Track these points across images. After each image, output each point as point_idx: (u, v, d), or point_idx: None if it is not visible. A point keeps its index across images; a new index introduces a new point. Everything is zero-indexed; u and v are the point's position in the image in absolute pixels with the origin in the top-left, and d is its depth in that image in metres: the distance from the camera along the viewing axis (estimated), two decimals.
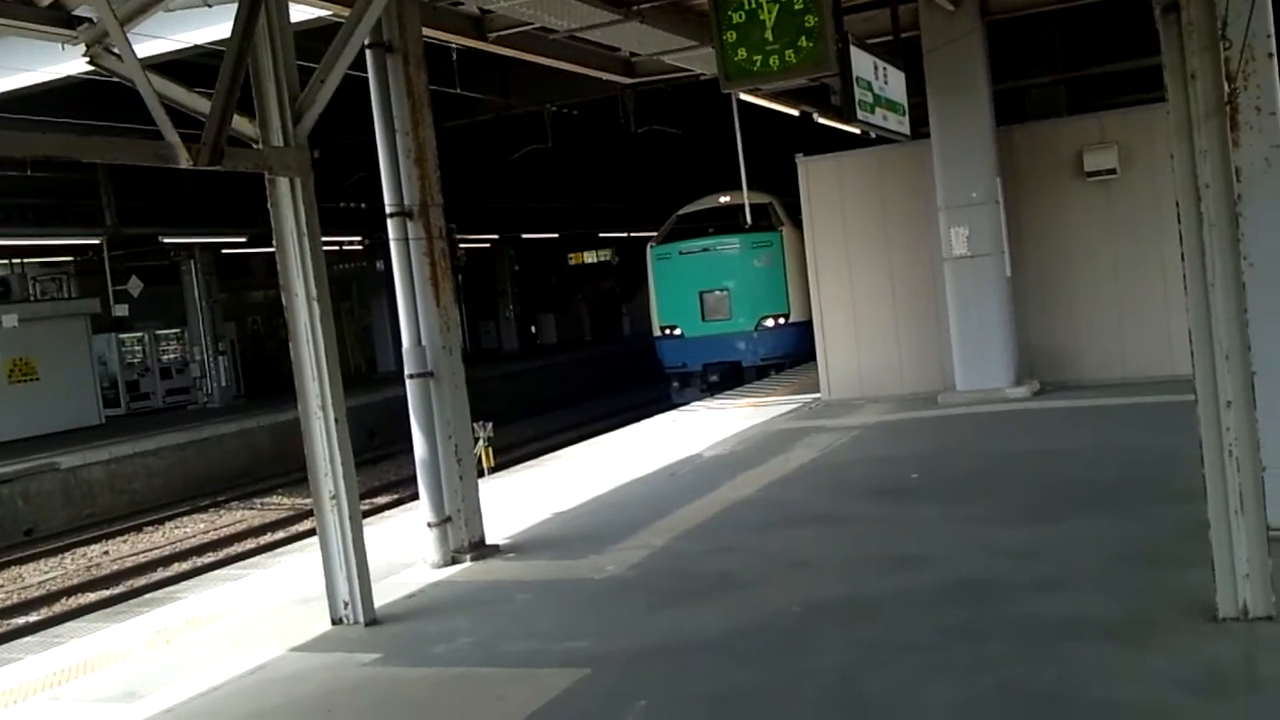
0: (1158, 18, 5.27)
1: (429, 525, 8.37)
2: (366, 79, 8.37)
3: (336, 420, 6.93)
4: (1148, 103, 12.42)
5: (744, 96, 14.21)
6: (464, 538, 8.40)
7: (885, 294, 14.61)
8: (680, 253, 22.44)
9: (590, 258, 41.38)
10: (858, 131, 12.36)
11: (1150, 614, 5.59)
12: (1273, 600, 5.17)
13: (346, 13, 7.68)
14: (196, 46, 9.42)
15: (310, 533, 10.93)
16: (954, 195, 13.21)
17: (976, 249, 13.15)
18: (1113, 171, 13.12)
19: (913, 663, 5.39)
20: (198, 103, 6.71)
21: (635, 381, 28.79)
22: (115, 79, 7.47)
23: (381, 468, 21.69)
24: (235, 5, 6.46)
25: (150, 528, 18.19)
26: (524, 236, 36.24)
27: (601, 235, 38.90)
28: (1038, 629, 5.62)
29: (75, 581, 14.93)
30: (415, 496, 9.09)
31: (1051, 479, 9.18)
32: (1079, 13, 14.25)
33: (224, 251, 27.57)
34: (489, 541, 8.65)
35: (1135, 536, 7.05)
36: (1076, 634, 5.47)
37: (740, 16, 7.98)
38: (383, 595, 7.38)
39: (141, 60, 6.36)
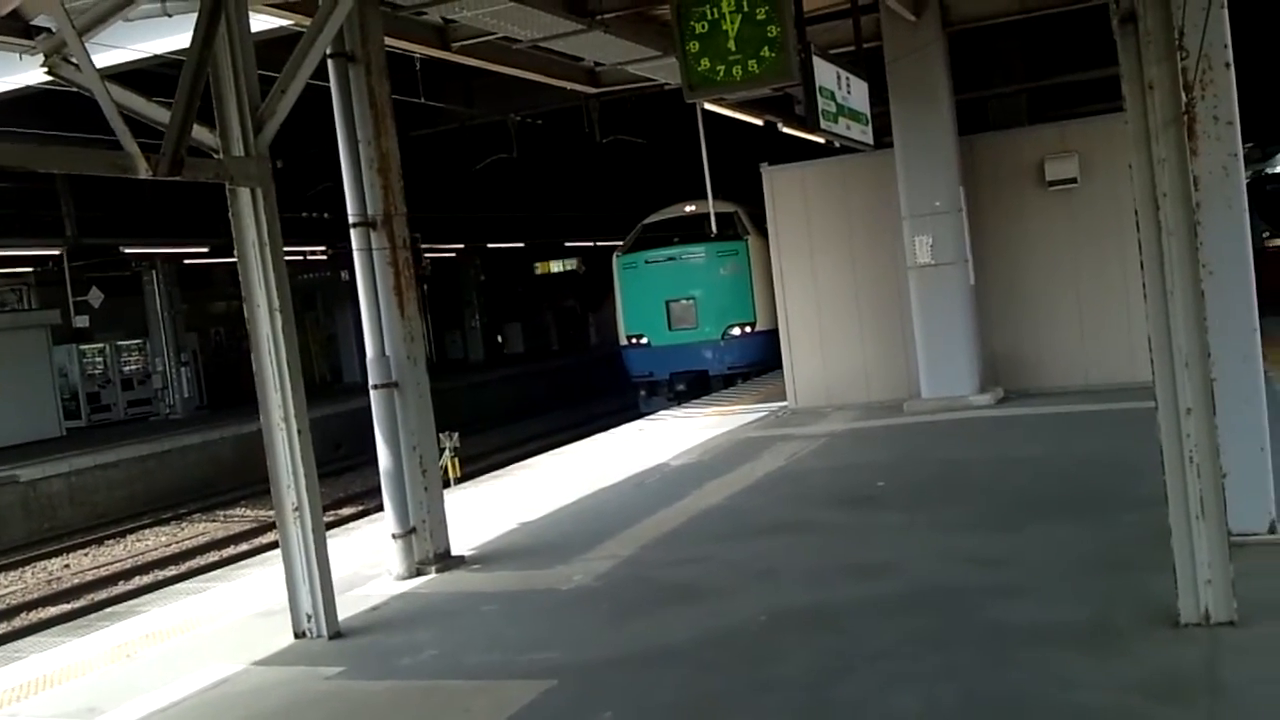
0: (1115, 28, 5.31)
1: (393, 537, 8.31)
2: (329, 89, 8.33)
3: (299, 431, 6.88)
4: (1108, 112, 12.54)
5: (708, 106, 14.25)
6: (429, 549, 8.35)
7: (850, 303, 14.68)
8: (646, 262, 22.47)
9: (556, 267, 41.33)
10: (822, 141, 12.42)
11: (1113, 620, 5.62)
12: (1234, 605, 5.21)
13: (308, 22, 7.64)
14: (156, 56, 9.34)
15: (273, 545, 10.85)
16: (917, 204, 13.29)
17: (940, 258, 13.22)
18: (1074, 180, 13.26)
19: (877, 671, 5.39)
20: (157, 113, 6.66)
21: (602, 391, 28.78)
22: (74, 89, 7.40)
23: (346, 479, 21.56)
24: (195, 15, 6.42)
25: (111, 541, 18.00)
26: (489, 246, 36.15)
27: (567, 244, 38.86)
28: (1001, 636, 5.65)
29: (35, 595, 14.75)
30: (380, 508, 9.03)
31: (1015, 486, 9.23)
32: (1039, 23, 14.37)
33: (186, 262, 27.35)
34: (454, 553, 8.61)
35: (1098, 543, 7.09)
36: (1040, 640, 5.50)
37: (703, 27, 7.99)
38: (346, 608, 7.33)
39: (100, 70, 6.29)
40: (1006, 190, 13.74)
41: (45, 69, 7.27)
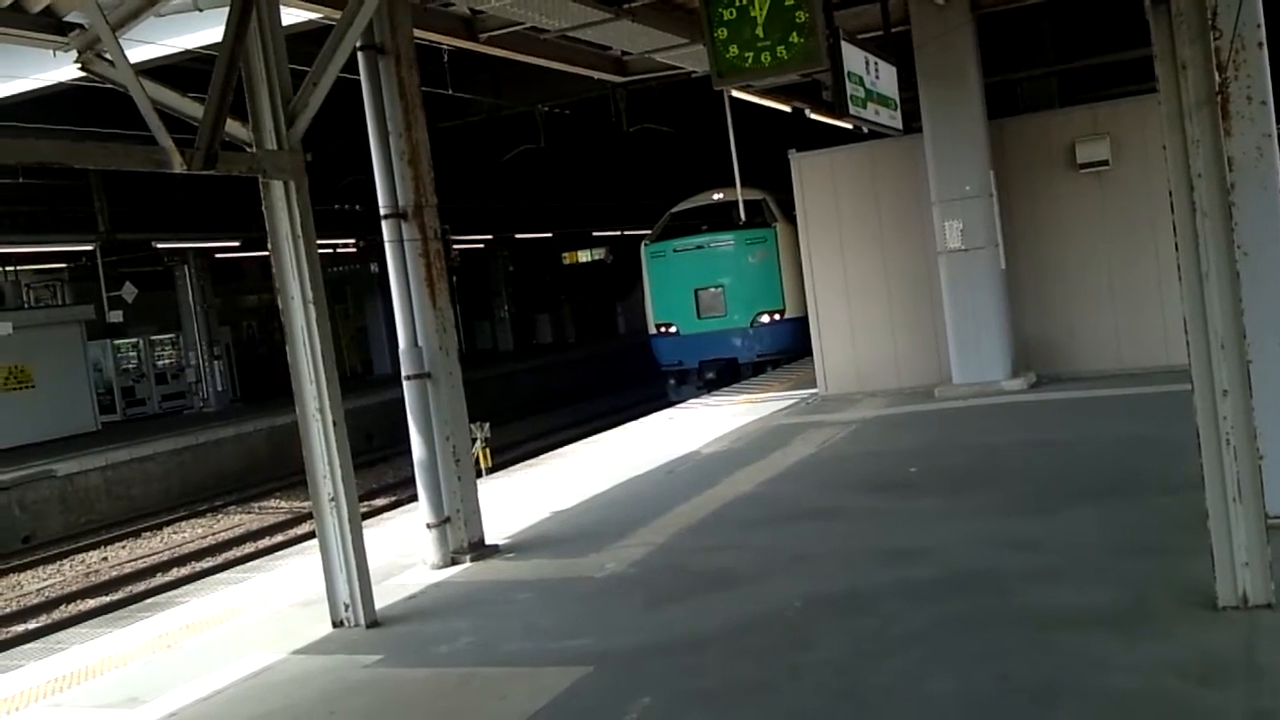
0: (1148, 8, 5.28)
1: (428, 526, 8.37)
2: (359, 81, 8.38)
3: (335, 422, 6.93)
4: (1139, 93, 12.45)
5: (736, 93, 14.25)
6: (463, 538, 8.40)
7: (880, 288, 14.63)
8: (675, 250, 22.44)
9: (584, 256, 41.39)
10: (850, 127, 12.38)
11: (1150, 603, 5.61)
12: (1272, 588, 5.19)
13: (338, 15, 7.68)
14: (188, 51, 9.41)
15: (309, 536, 10.96)
16: (947, 189, 13.23)
17: (971, 242, 13.16)
18: (1105, 163, 13.16)
19: (913, 655, 5.40)
20: (191, 107, 6.72)
21: (631, 380, 28.80)
22: (108, 85, 7.47)
23: (379, 470, 21.71)
24: (227, 9, 6.47)
25: (149, 533, 18.19)
26: (518, 236, 36.22)
27: (595, 234, 38.90)
28: (1038, 619, 5.64)
29: (74, 588, 14.93)
30: (414, 498, 9.10)
31: (1049, 470, 9.20)
32: (1069, 4, 14.27)
33: (218, 256, 27.55)
34: (488, 541, 8.66)
35: (1134, 526, 7.07)
36: (1076, 624, 5.49)
37: (731, 13, 7.99)
38: (383, 597, 7.39)
39: (134, 65, 6.36)
40: (1037, 173, 13.65)
41: (79, 65, 7.35)
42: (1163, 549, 6.43)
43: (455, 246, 27.09)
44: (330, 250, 29.43)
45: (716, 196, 22.12)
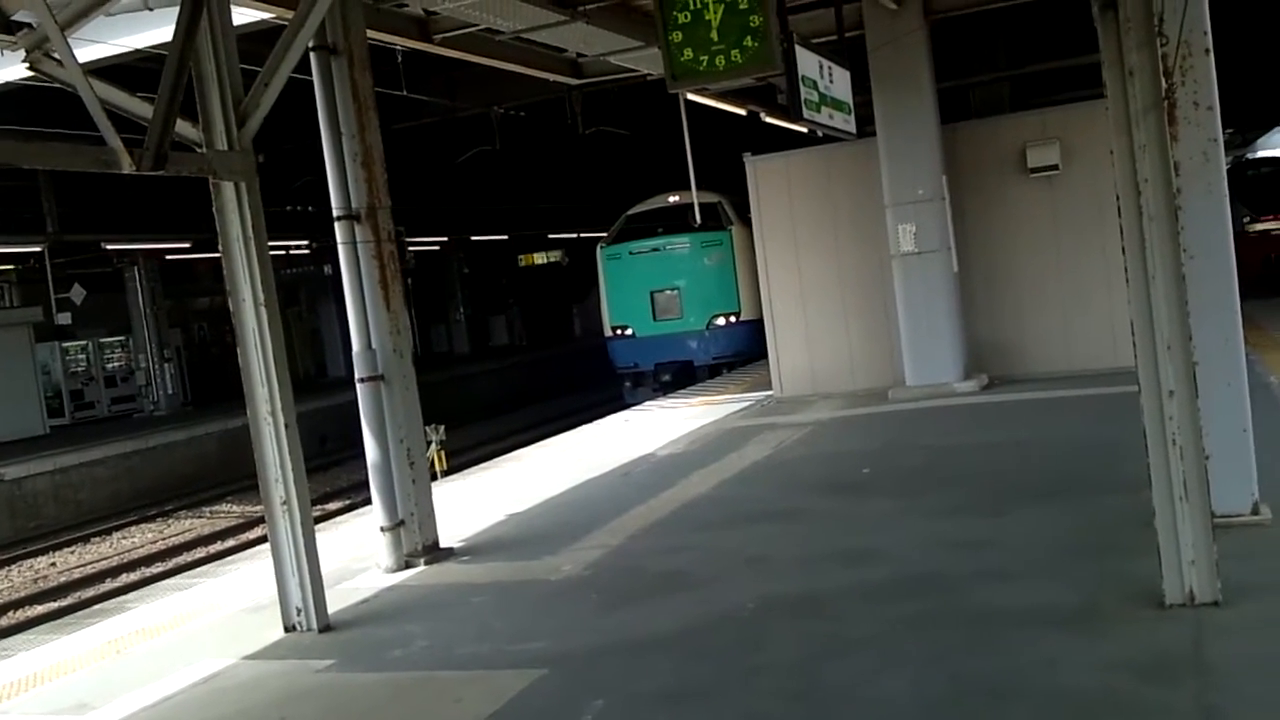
0: (1096, 15, 5.34)
1: (382, 530, 8.32)
2: (311, 82, 8.32)
3: (286, 425, 6.87)
4: (1089, 99, 12.59)
5: (691, 96, 14.28)
6: (418, 541, 8.36)
7: (835, 291, 14.72)
8: (630, 253, 22.47)
9: (540, 259, 41.32)
10: (805, 130, 12.44)
11: (1099, 602, 5.67)
12: (1218, 586, 5.26)
13: (290, 15, 7.62)
14: (138, 51, 9.31)
15: (260, 541, 10.84)
16: (901, 192, 13.32)
17: (924, 245, 13.27)
18: (1055, 167, 13.31)
19: (867, 656, 5.43)
20: (140, 107, 6.63)
21: (587, 383, 28.79)
22: (56, 84, 7.37)
23: (332, 474, 21.54)
24: (177, 8, 6.40)
25: (98, 538, 17.96)
26: (473, 239, 36.09)
27: (551, 236, 38.83)
28: (990, 619, 5.69)
29: (22, 594, 14.71)
30: (367, 502, 9.03)
31: (1001, 471, 9.28)
32: (1021, 11, 14.41)
33: (168, 257, 27.26)
34: (443, 545, 8.62)
35: (1084, 526, 7.15)
36: (1028, 623, 5.55)
37: (686, 17, 8.01)
38: (336, 601, 7.34)
39: (83, 65, 6.27)
40: (989, 178, 13.79)
41: (27, 65, 7.24)
42: (1112, 548, 6.50)
43: (409, 249, 27.01)
44: (283, 252, 29.20)
45: (672, 199, 22.16)
